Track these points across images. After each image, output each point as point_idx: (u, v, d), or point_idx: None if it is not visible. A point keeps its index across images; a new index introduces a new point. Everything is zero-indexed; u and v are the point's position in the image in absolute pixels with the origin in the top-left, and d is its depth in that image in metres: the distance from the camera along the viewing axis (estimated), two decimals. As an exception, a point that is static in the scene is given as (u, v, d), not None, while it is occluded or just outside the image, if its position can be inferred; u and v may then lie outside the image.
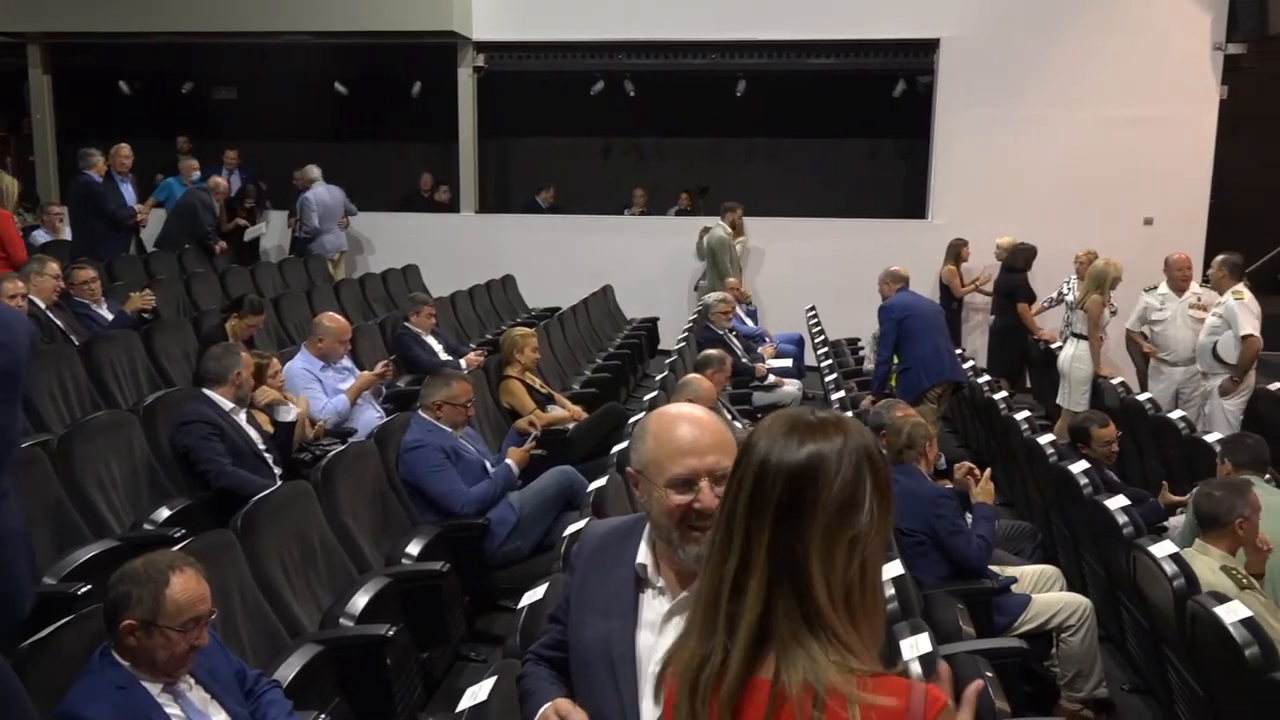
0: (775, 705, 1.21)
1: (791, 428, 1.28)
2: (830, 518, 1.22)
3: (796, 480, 1.24)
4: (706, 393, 4.88)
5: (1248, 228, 10.12)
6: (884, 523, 1.27)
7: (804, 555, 1.22)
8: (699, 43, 10.63)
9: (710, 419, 1.75)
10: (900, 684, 1.21)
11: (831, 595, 1.22)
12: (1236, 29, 9.63)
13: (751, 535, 1.25)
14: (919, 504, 3.90)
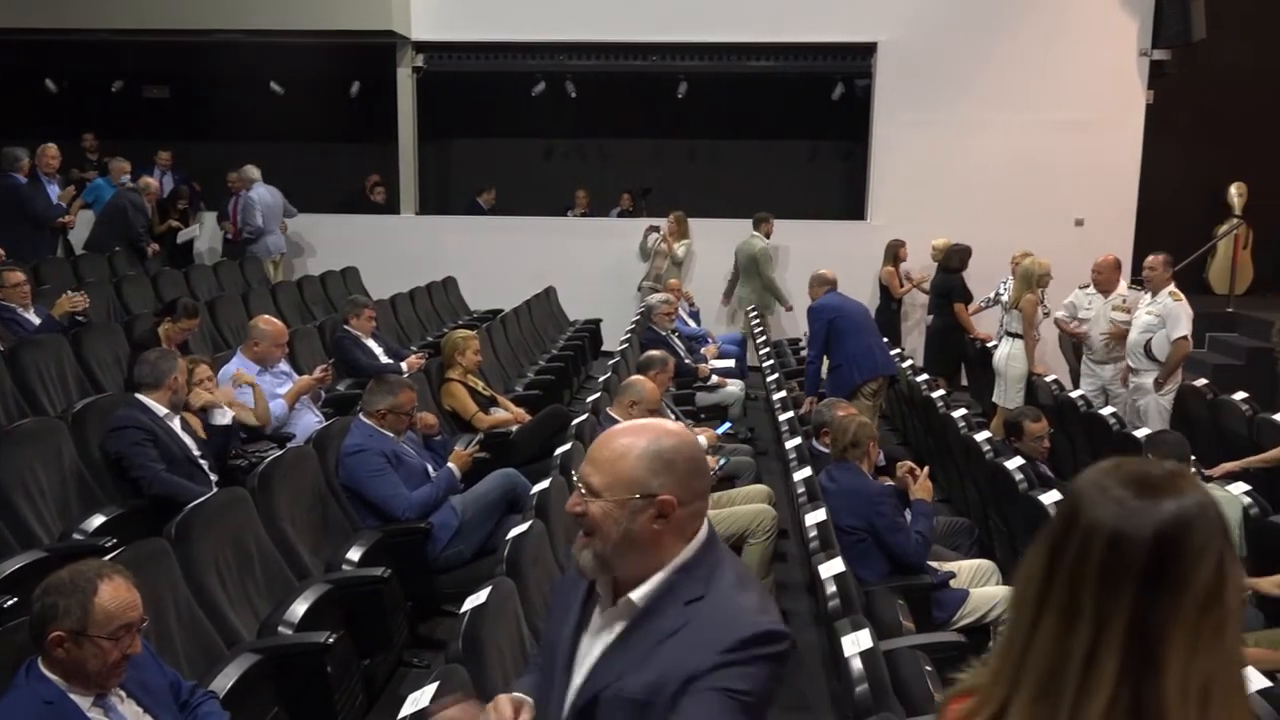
0: None
1: (1137, 481, 1.08)
2: (1201, 592, 1.02)
3: (1163, 546, 1.03)
4: (650, 394, 4.90)
5: (1173, 228, 10.42)
6: (1239, 600, 1.06)
7: (1165, 638, 1.02)
8: (640, 44, 10.65)
9: (612, 436, 1.75)
10: None
11: (1186, 691, 1.01)
12: (1161, 36, 9.91)
13: (1105, 608, 1.04)
14: (860, 501, 3.95)
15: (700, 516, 1.73)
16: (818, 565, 3.34)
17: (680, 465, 1.69)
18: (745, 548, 4.55)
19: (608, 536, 1.66)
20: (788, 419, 5.52)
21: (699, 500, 1.72)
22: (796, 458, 4.71)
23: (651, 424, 1.76)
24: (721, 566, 1.71)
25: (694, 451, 1.73)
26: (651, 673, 1.61)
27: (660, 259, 10.41)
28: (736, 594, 1.67)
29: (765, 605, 1.71)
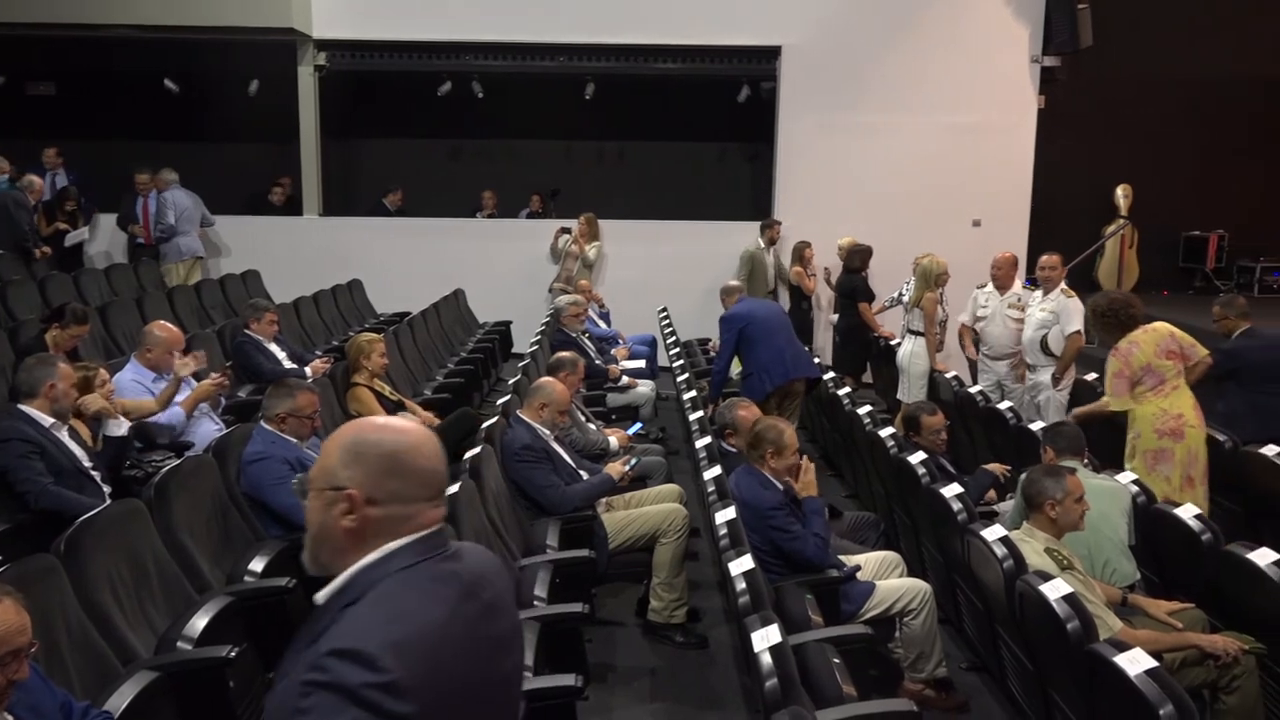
0: None
1: None
2: None
3: None
4: (559, 395, 4.90)
5: (1065, 229, 10.82)
6: None
7: None
8: (547, 45, 10.62)
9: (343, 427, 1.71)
10: None
11: None
12: (1051, 43, 10.29)
13: None
14: (755, 516, 3.99)
15: (407, 522, 1.56)
16: (728, 563, 3.37)
17: (372, 460, 1.57)
18: (657, 547, 4.58)
19: (310, 530, 1.62)
20: (698, 418, 5.57)
21: (398, 504, 1.56)
22: (707, 457, 4.75)
23: (376, 419, 1.67)
24: (412, 573, 1.53)
25: (401, 450, 1.58)
26: (284, 678, 1.50)
27: (571, 260, 10.40)
28: (382, 603, 1.47)
29: (399, 626, 1.44)
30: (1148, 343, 5.05)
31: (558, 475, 4.69)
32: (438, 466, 1.63)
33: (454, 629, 1.52)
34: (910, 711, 2.94)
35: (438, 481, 1.63)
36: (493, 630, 1.61)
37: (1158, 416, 4.97)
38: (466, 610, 1.56)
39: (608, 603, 4.91)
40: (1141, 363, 5.01)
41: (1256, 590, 3.41)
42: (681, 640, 4.56)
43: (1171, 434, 4.94)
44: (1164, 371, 5.01)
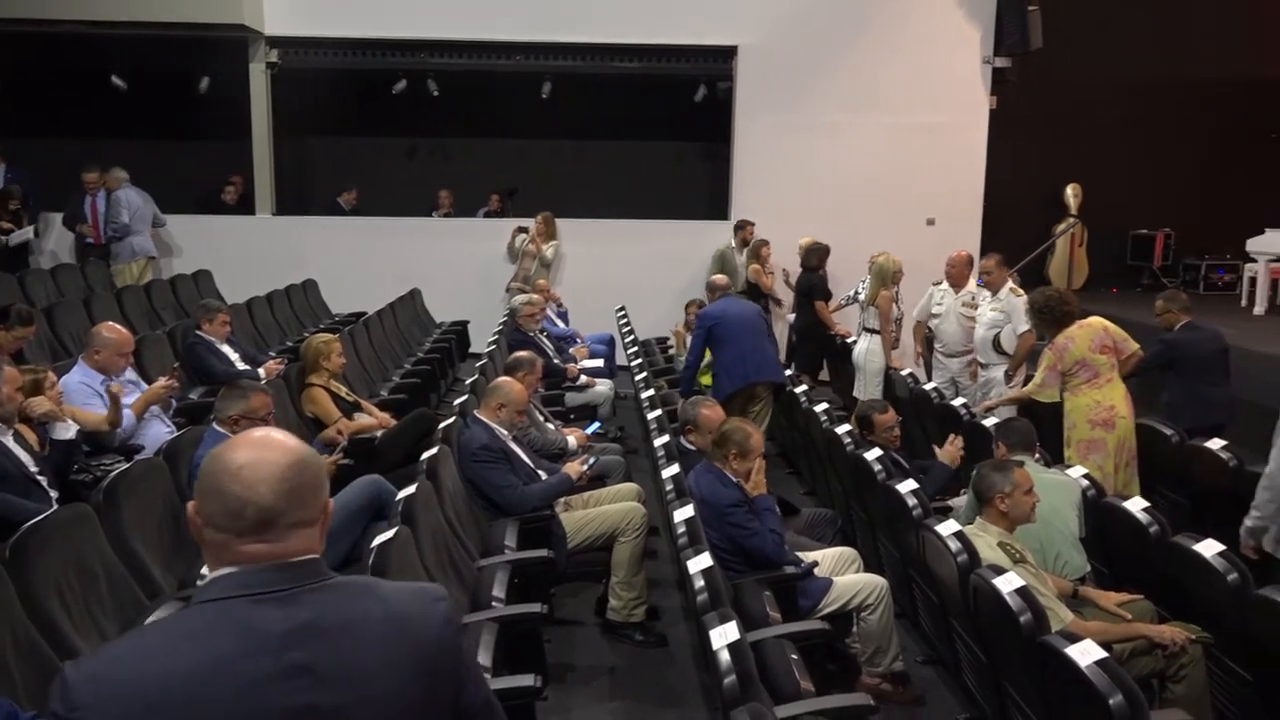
0: None
1: None
2: None
3: None
4: (517, 395, 4.88)
5: (1017, 227, 10.99)
6: None
7: None
8: (504, 43, 10.57)
9: None
10: None
11: None
12: (1002, 45, 10.44)
13: None
14: (714, 514, 4.01)
15: (224, 549, 1.43)
16: (686, 561, 3.38)
17: (202, 479, 1.47)
18: (616, 546, 4.57)
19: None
20: (656, 417, 5.57)
21: (210, 530, 1.44)
22: (665, 455, 4.76)
23: (256, 432, 1.53)
24: (199, 609, 1.42)
25: (217, 472, 1.44)
26: None
27: (528, 260, 10.37)
28: (142, 632, 1.41)
29: (120, 662, 1.36)
30: (1083, 338, 5.31)
31: (516, 475, 4.67)
32: (257, 496, 1.42)
33: (205, 686, 1.34)
34: (867, 705, 2.98)
35: (252, 513, 1.42)
36: (290, 700, 1.37)
37: (1092, 408, 5.23)
38: (245, 669, 1.36)
39: (567, 602, 4.91)
40: (1076, 357, 5.27)
41: (1202, 581, 3.49)
42: (641, 639, 4.56)
43: (1104, 424, 5.22)
44: (1098, 365, 5.28)
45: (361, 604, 1.47)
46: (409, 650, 1.47)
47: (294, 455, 1.48)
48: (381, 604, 1.48)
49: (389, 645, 1.45)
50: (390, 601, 1.49)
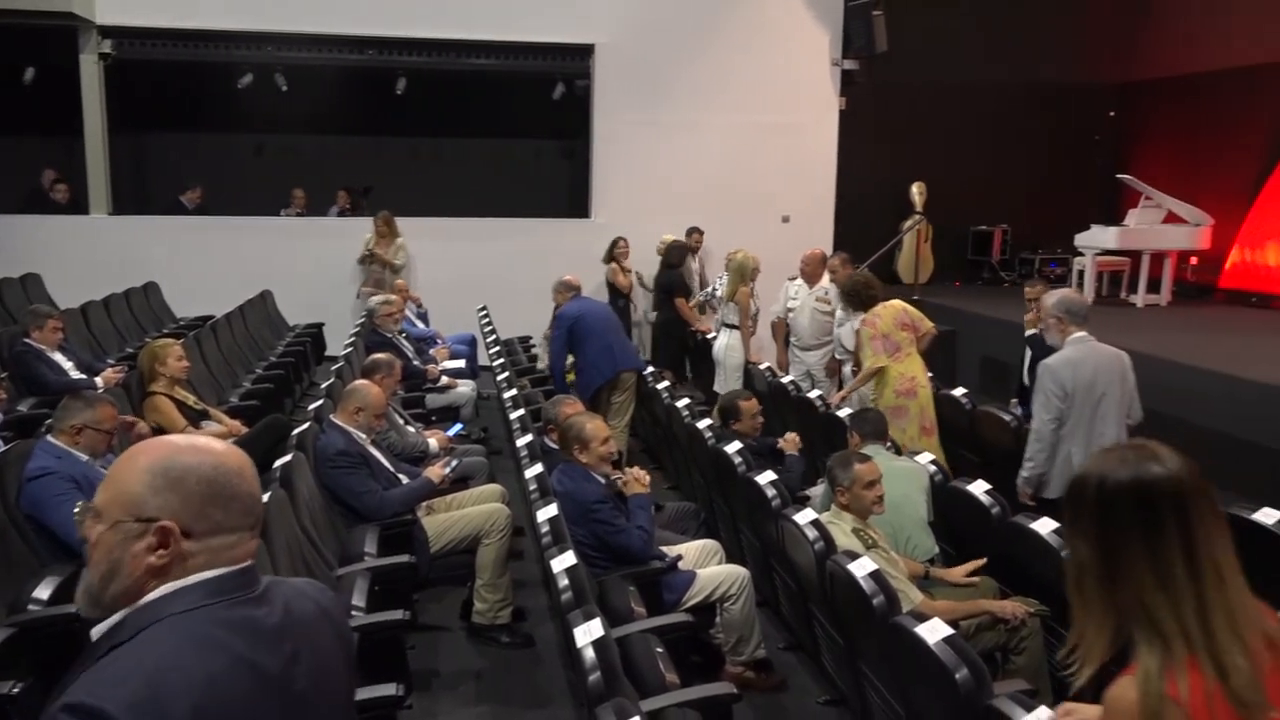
0: None
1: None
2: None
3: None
4: (375, 399, 4.77)
5: (867, 224, 11.39)
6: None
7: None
8: (355, 38, 10.31)
9: (133, 449, 1.48)
10: None
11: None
12: (850, 47, 10.81)
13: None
14: (578, 510, 4.03)
15: (224, 554, 1.41)
16: (550, 560, 3.37)
17: (192, 486, 1.39)
18: (480, 548, 4.53)
19: (97, 566, 1.38)
20: (519, 417, 5.54)
21: (223, 535, 1.40)
22: (528, 455, 4.74)
23: (180, 439, 1.47)
24: (194, 616, 1.35)
25: (222, 475, 1.42)
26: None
27: (376, 262, 10.11)
28: (147, 651, 1.30)
29: (144, 678, 1.27)
30: (886, 316, 5.96)
31: (375, 480, 4.57)
32: (257, 491, 1.48)
33: (235, 685, 1.33)
34: (731, 694, 3.03)
35: (259, 508, 1.48)
36: (298, 686, 1.42)
37: (897, 379, 5.86)
38: (261, 663, 1.37)
39: (430, 608, 4.83)
40: (884, 330, 5.90)
41: (1038, 557, 3.70)
42: (507, 640, 4.53)
43: (907, 393, 5.83)
44: (900, 340, 5.92)
45: (300, 599, 1.51)
46: (341, 640, 1.58)
47: (241, 450, 1.51)
48: (309, 599, 1.53)
49: (330, 636, 1.54)
50: (310, 594, 1.55)
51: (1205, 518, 1.46)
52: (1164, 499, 1.45)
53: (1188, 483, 1.46)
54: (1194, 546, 1.44)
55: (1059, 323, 4.67)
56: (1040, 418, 4.57)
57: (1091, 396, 4.53)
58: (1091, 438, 4.52)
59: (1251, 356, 7.60)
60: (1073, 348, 4.63)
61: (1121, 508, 1.47)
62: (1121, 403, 4.61)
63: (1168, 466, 1.48)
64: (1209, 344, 8.21)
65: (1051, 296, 4.83)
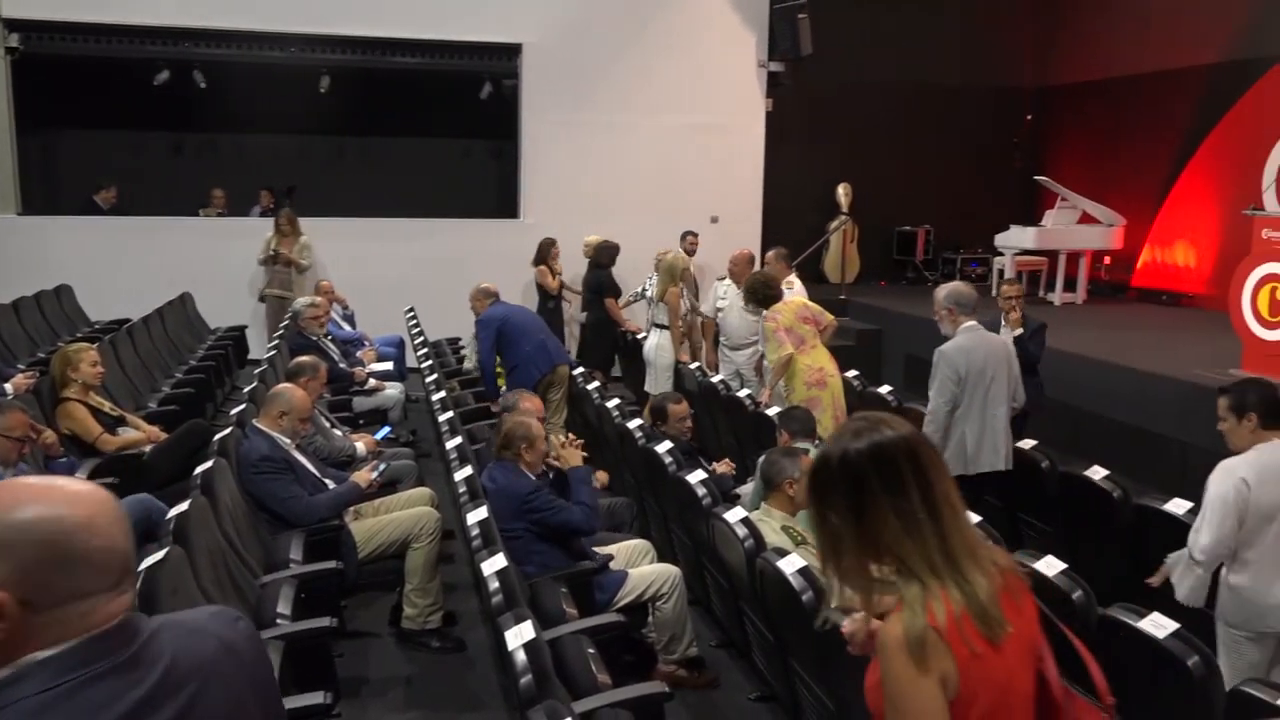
0: None
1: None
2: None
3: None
4: (299, 402, 4.68)
5: (795, 225, 11.52)
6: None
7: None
8: (276, 34, 10.10)
9: None
10: None
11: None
12: (776, 49, 10.92)
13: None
14: (513, 502, 4.01)
15: (79, 622, 1.20)
16: (480, 563, 3.35)
17: (25, 552, 1.18)
18: (409, 552, 4.47)
19: None
20: (448, 419, 5.49)
21: (73, 603, 1.20)
22: (458, 457, 4.69)
23: (19, 485, 1.25)
24: (37, 704, 1.16)
25: (64, 534, 1.19)
26: None
27: (281, 263, 9.82)
28: None
29: None
30: (787, 311, 6.15)
31: (300, 485, 4.48)
32: (118, 543, 1.24)
33: None
34: (663, 693, 3.04)
35: (119, 562, 1.24)
36: None
37: (805, 371, 6.00)
38: None
39: (359, 614, 4.76)
40: (786, 324, 6.06)
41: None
42: (438, 645, 4.49)
43: (817, 384, 6.00)
44: (804, 333, 6.10)
45: (194, 640, 1.33)
46: (251, 677, 1.39)
47: (102, 492, 1.28)
48: (209, 636, 1.35)
49: (236, 674, 1.36)
50: (212, 630, 1.37)
51: (934, 463, 1.65)
52: (899, 455, 1.63)
53: (914, 437, 1.66)
54: (930, 489, 1.62)
55: (950, 314, 4.96)
56: (936, 401, 4.86)
57: (983, 381, 4.83)
58: (984, 419, 4.83)
59: (1163, 353, 7.88)
60: (964, 336, 4.91)
61: (866, 471, 1.63)
62: (1008, 387, 4.93)
63: (895, 429, 1.66)
64: (1123, 341, 8.48)
65: (941, 290, 5.10)
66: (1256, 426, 3.45)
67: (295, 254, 9.82)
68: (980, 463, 4.83)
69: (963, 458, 4.81)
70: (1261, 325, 7.03)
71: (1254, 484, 3.34)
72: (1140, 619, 2.99)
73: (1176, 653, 2.85)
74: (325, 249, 10.03)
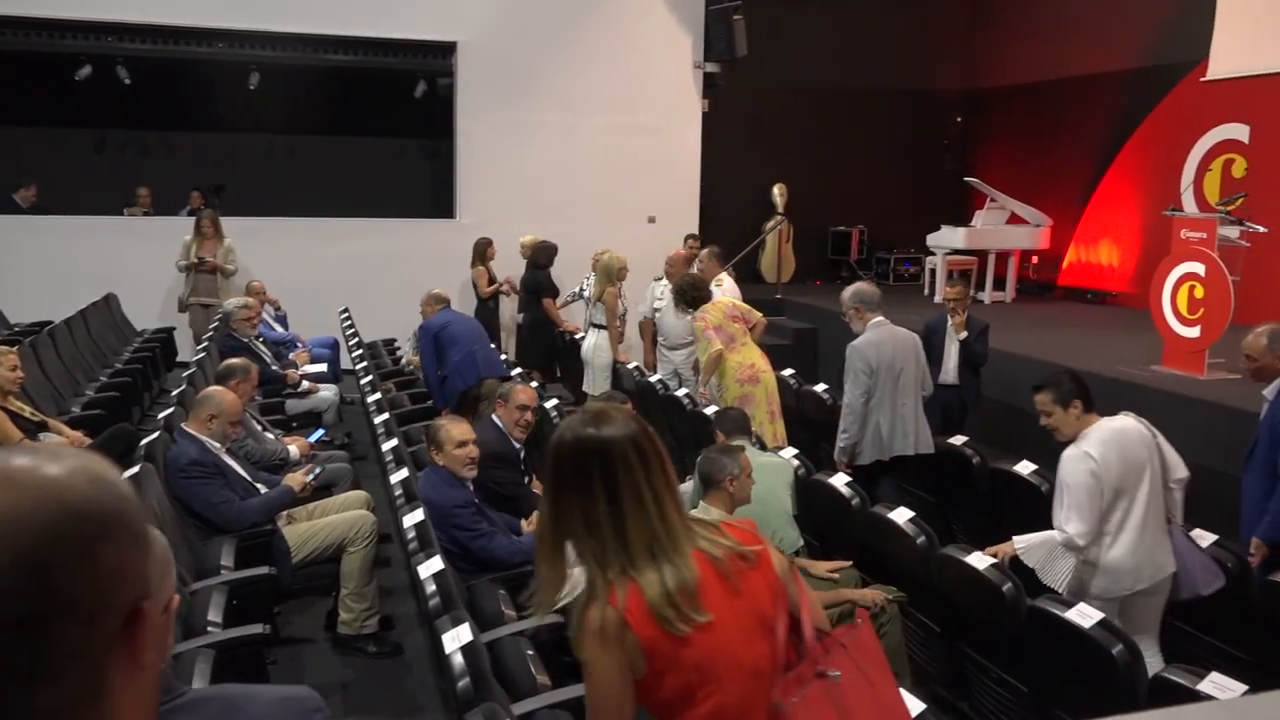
0: None
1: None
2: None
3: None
4: (229, 405, 4.59)
5: (732, 225, 11.60)
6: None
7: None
8: (203, 30, 9.87)
9: None
10: None
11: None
12: (712, 51, 10.98)
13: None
14: (440, 515, 3.97)
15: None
16: (417, 565, 3.31)
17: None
18: (345, 556, 4.41)
19: None
20: (384, 421, 5.42)
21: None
22: (394, 459, 4.64)
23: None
24: None
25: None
26: None
27: (206, 270, 9.39)
28: None
29: None
30: (715, 310, 6.26)
31: (231, 490, 4.39)
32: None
33: None
34: (602, 693, 3.03)
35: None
36: None
37: (737, 368, 6.10)
38: None
39: (294, 619, 4.68)
40: (715, 323, 6.16)
41: (896, 545, 3.84)
42: (375, 650, 4.43)
43: (750, 380, 6.11)
44: (733, 331, 6.21)
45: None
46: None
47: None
48: None
49: None
50: None
51: (634, 468, 1.73)
52: (592, 455, 1.72)
53: (618, 439, 1.73)
54: (617, 493, 1.71)
55: (858, 312, 5.31)
56: (851, 393, 5.24)
57: (892, 373, 5.20)
58: (895, 409, 5.21)
59: (1088, 350, 8.09)
60: (873, 331, 5.26)
61: (564, 466, 1.75)
62: (917, 377, 5.30)
63: (605, 428, 1.75)
64: (1050, 338, 8.69)
65: (847, 291, 5.44)
66: (1081, 412, 3.71)
67: (220, 259, 9.45)
68: (894, 448, 5.22)
69: (879, 444, 5.21)
70: (1180, 323, 7.26)
71: (1101, 462, 3.57)
72: (1067, 609, 3.07)
73: (1102, 641, 2.94)
74: (257, 249, 9.82)
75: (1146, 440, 3.67)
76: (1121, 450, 3.60)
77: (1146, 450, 3.65)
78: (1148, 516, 3.60)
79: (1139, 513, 3.58)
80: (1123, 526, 3.59)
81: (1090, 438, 3.64)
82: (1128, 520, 3.59)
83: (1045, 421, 3.79)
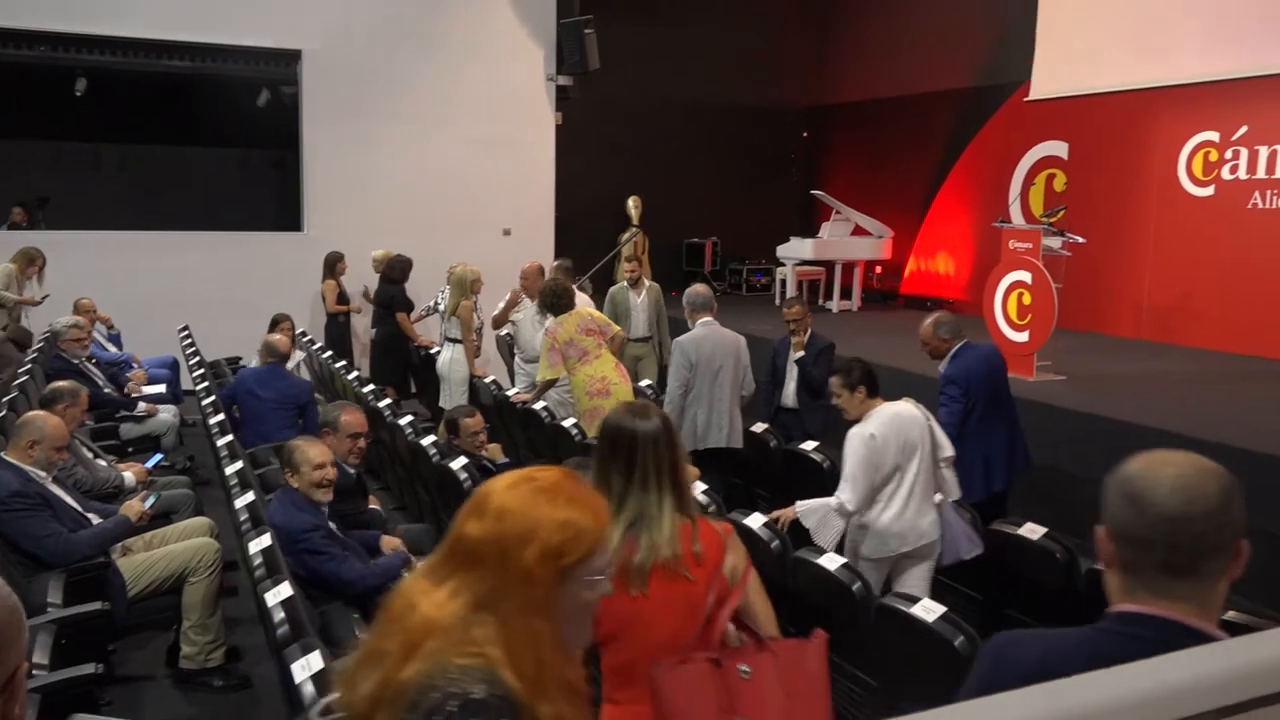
0: None
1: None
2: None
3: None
4: (54, 431, 4.32)
5: (587, 237, 11.65)
6: None
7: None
8: (22, 31, 9.26)
9: None
10: None
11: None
12: (564, 64, 11.01)
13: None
14: (287, 541, 3.81)
15: None
16: (264, 593, 3.18)
17: None
18: (186, 587, 4.20)
19: None
20: (227, 443, 5.19)
21: None
22: (239, 483, 4.45)
23: None
24: None
25: None
26: None
27: (21, 306, 8.41)
28: None
29: None
30: (570, 322, 6.18)
31: (59, 522, 4.12)
32: None
33: None
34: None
35: None
36: None
37: (587, 381, 6.11)
38: None
39: (132, 656, 4.42)
40: (565, 338, 6.11)
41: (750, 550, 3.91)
42: (221, 684, 4.23)
43: (600, 393, 6.10)
44: (586, 345, 6.17)
45: None
46: None
47: None
48: None
49: None
50: None
51: (650, 456, 2.27)
52: (624, 437, 2.29)
53: (648, 431, 2.28)
54: (632, 472, 2.26)
55: (689, 312, 5.77)
56: (671, 385, 5.66)
57: (711, 369, 5.59)
58: (712, 403, 5.59)
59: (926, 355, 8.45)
60: (699, 329, 5.68)
61: (604, 442, 2.34)
62: (736, 376, 5.66)
63: (641, 422, 2.30)
64: (895, 345, 9.05)
65: (686, 295, 5.85)
66: (865, 397, 4.15)
67: (38, 292, 8.48)
68: (709, 439, 5.59)
69: (694, 435, 5.55)
70: (1011, 328, 7.69)
71: (880, 438, 4.02)
72: (912, 605, 3.20)
73: (944, 634, 3.07)
74: (85, 264, 9.25)
75: (920, 423, 4.13)
76: (899, 430, 4.06)
77: (920, 432, 4.10)
78: (915, 489, 4.07)
79: (908, 485, 4.07)
80: (893, 496, 4.07)
81: (873, 419, 4.08)
82: (898, 491, 4.07)
83: (835, 402, 4.24)
